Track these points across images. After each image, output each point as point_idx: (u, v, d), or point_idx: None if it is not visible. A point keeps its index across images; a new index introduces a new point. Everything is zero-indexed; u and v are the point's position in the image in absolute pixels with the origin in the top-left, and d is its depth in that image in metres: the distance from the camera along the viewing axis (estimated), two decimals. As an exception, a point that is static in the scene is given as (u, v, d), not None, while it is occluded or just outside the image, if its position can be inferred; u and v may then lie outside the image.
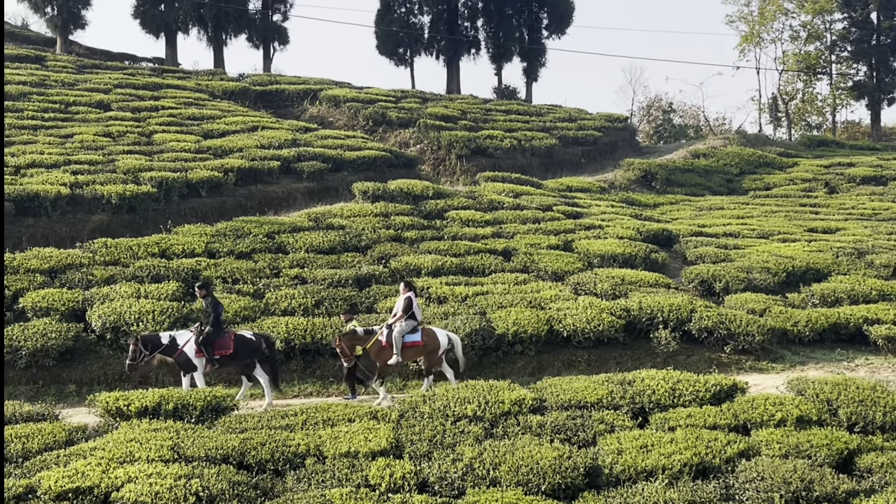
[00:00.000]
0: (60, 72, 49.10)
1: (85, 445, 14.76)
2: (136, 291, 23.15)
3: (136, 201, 30.49)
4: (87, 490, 12.86)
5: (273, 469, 13.92)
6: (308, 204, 34.52)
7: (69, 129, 38.49)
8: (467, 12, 68.55)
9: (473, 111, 51.60)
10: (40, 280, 23.69)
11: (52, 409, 17.39)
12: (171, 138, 38.47)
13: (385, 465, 13.51)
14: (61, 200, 29.27)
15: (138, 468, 13.33)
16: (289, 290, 24.14)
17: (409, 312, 19.44)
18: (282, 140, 39.52)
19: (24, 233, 27.78)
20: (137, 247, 26.26)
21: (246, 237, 28.08)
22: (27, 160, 32.72)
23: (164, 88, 48.65)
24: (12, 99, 41.55)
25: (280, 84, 52.94)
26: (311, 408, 16.51)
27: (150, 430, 15.25)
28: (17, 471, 14.03)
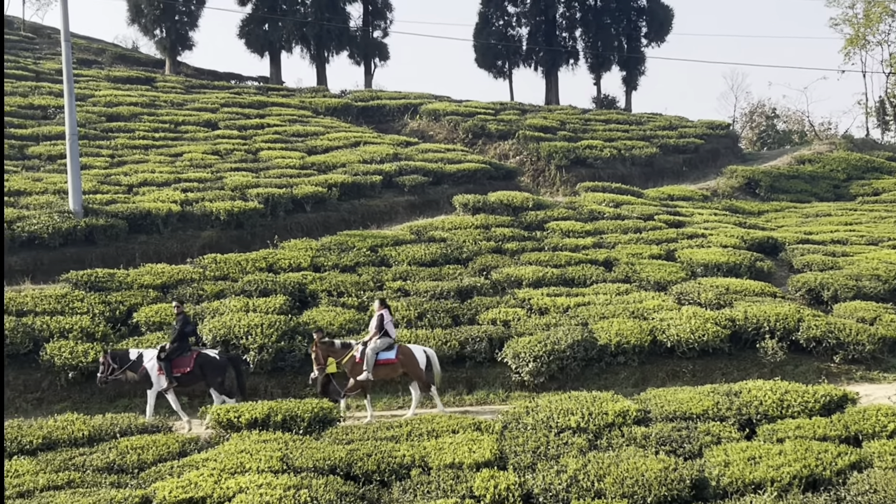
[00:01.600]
0: (169, 92, 50.57)
1: (197, 456, 15.21)
2: (245, 305, 23.73)
3: (243, 217, 31.24)
4: (201, 500, 13.25)
5: (379, 480, 14.15)
6: (409, 217, 34.89)
7: (179, 147, 39.63)
8: (565, 23, 68.39)
9: (572, 121, 51.48)
10: (153, 295, 24.46)
11: (165, 421, 17.97)
12: (277, 155, 39.31)
13: (489, 477, 13.61)
14: (172, 217, 30.17)
15: (249, 479, 13.68)
16: (392, 303, 24.44)
17: (383, 330, 19.53)
18: (383, 154, 40.02)
19: (137, 249, 28.70)
20: (245, 262, 26.91)
21: (350, 251, 28.53)
22: (139, 179, 33.81)
23: (269, 106, 49.74)
24: (124, 119, 42.97)
25: (381, 99, 53.61)
26: (416, 419, 16.73)
27: (259, 441, 15.64)
28: (132, 481, 14.54)
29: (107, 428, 16.82)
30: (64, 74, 30.48)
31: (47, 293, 23.76)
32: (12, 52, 54.01)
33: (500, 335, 22.81)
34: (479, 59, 68.07)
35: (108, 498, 13.29)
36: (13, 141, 37.73)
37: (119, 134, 40.77)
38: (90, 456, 15.50)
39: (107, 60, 58.87)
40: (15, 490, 13.99)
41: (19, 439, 16.12)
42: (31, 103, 42.95)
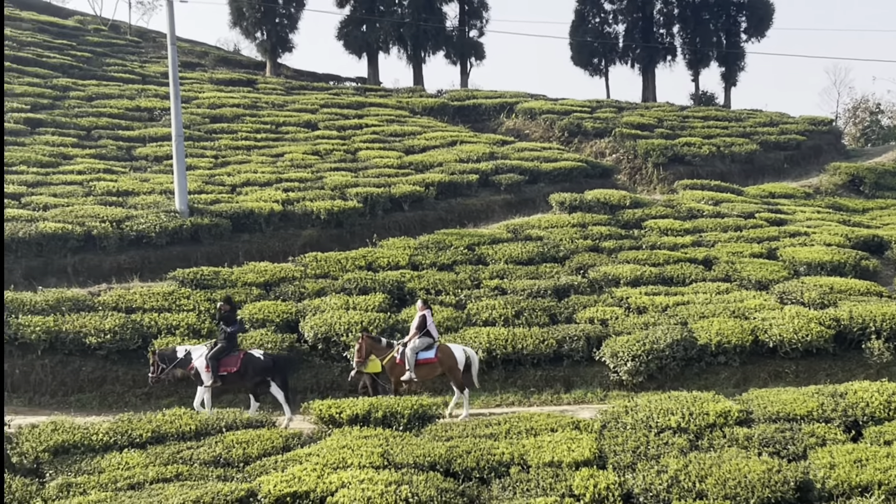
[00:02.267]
0: (270, 94, 51.51)
1: (301, 451, 15.53)
2: (345, 303, 24.08)
3: (343, 216, 31.69)
4: (304, 494, 13.53)
5: (479, 477, 14.27)
6: (506, 216, 34.95)
7: (280, 148, 40.36)
8: (662, 19, 67.59)
9: (670, 118, 50.89)
10: (256, 293, 24.98)
11: (269, 416, 18.34)
12: (375, 155, 39.76)
13: (589, 476, 13.62)
14: (274, 217, 30.76)
15: (351, 474, 13.92)
16: (489, 301, 24.56)
17: (424, 330, 19.52)
18: (479, 153, 40.15)
19: (241, 248, 29.33)
20: (345, 260, 27.30)
21: (447, 249, 28.73)
22: (242, 179, 34.54)
23: (367, 107, 50.31)
24: (227, 121, 43.92)
25: (477, 99, 53.75)
26: (514, 417, 16.80)
27: (360, 437, 15.89)
28: (238, 475, 14.92)
29: (213, 422, 17.25)
30: (170, 77, 31.31)
31: (155, 290, 24.44)
32: (119, 56, 55.62)
33: (597, 334, 22.75)
34: (575, 56, 67.73)
35: (215, 491, 13.64)
36: (121, 143, 38.89)
37: (222, 135, 41.69)
38: (197, 450, 15.92)
39: (210, 63, 60.21)
40: (126, 482, 14.46)
41: (129, 433, 16.62)
42: (137, 105, 44.17)
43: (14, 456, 16.00)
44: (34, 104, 41.23)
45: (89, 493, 14.09)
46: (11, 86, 42.87)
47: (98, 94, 45.48)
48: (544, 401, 20.86)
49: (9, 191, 30.45)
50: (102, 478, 14.65)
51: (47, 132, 38.34)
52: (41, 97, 42.44)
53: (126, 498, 13.69)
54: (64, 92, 44.54)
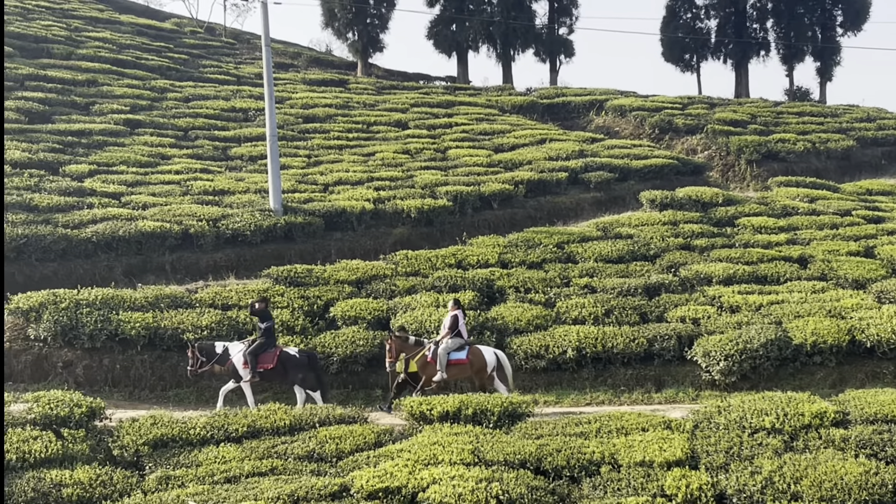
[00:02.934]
0: (361, 93, 52.06)
1: (392, 447, 15.73)
2: (435, 301, 24.27)
3: (433, 214, 31.92)
4: (396, 490, 13.71)
5: (569, 475, 14.29)
6: (595, 214, 34.80)
7: (371, 147, 40.79)
8: (756, 14, 66.43)
9: (763, 114, 50.00)
10: (348, 290, 25.31)
11: (361, 412, 18.60)
12: (465, 153, 39.91)
13: (681, 476, 13.55)
14: (366, 215, 31.13)
15: (442, 470, 14.05)
16: (579, 300, 24.52)
17: (455, 330, 19.68)
18: (569, 151, 40.02)
19: (333, 246, 29.75)
20: (435, 258, 27.50)
21: (536, 247, 28.74)
22: (334, 178, 35.02)
23: (457, 105, 50.50)
24: (320, 121, 44.53)
25: (566, 96, 53.56)
26: (605, 416, 16.77)
27: (451, 433, 16.02)
28: (331, 470, 15.17)
29: (306, 418, 17.55)
30: (265, 78, 31.89)
31: (250, 288, 24.94)
32: (214, 58, 56.77)
33: (689, 333, 22.56)
34: (666, 52, 67.00)
35: (309, 485, 13.90)
36: (217, 143, 39.72)
37: (315, 135, 42.28)
38: (291, 444, 16.23)
39: (302, 64, 61.09)
40: (222, 476, 14.81)
41: (226, 427, 17.01)
42: (232, 106, 45.04)
43: (115, 449, 16.51)
44: (133, 105, 42.32)
45: (187, 485, 14.48)
46: (111, 88, 44.07)
47: (194, 95, 46.50)
48: (635, 400, 20.77)
49: (109, 190, 31.36)
50: (200, 471, 15.03)
51: (146, 133, 39.34)
52: (140, 99, 43.54)
53: (223, 491, 14.03)
54: (162, 93, 45.63)
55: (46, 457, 15.52)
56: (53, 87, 42.21)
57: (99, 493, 14.40)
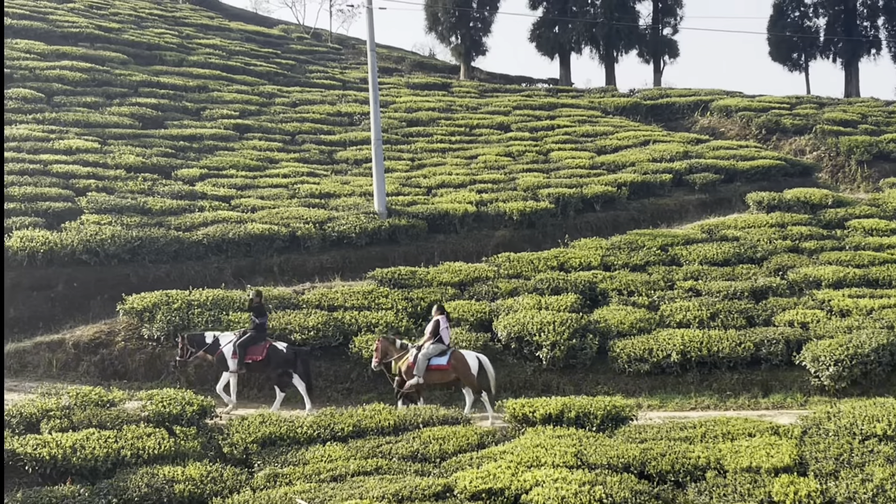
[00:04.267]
0: (464, 97, 52.29)
1: (495, 449, 15.82)
2: (537, 303, 24.28)
3: (535, 217, 31.93)
4: (499, 491, 13.78)
5: (673, 480, 14.18)
6: (700, 216, 34.35)
7: (473, 150, 40.96)
8: (866, 11, 64.62)
9: (874, 114, 48.60)
10: (451, 292, 25.49)
11: (463, 413, 18.75)
12: (567, 155, 39.80)
13: (789, 482, 13.34)
14: (468, 218, 31.30)
15: (545, 473, 14.08)
16: (683, 303, 24.27)
17: (437, 336, 19.71)
18: (673, 153, 39.60)
19: (436, 248, 29.99)
20: (537, 260, 27.51)
21: (640, 250, 28.52)
22: (437, 181, 35.28)
23: (559, 107, 50.35)
24: (423, 124, 44.89)
25: (670, 97, 52.94)
26: (710, 421, 16.59)
27: (554, 436, 16.05)
28: (435, 470, 15.33)
29: (410, 418, 17.76)
30: (370, 83, 32.32)
31: (355, 289, 25.32)
32: (321, 63, 57.70)
33: (797, 337, 22.15)
34: (773, 52, 65.67)
35: (413, 485, 14.07)
36: (323, 146, 40.38)
37: (418, 138, 42.65)
38: (396, 444, 16.44)
39: (406, 68, 61.66)
40: (329, 474, 15.09)
41: (332, 426, 17.32)
42: (338, 111, 45.71)
43: (225, 446, 16.95)
44: (242, 111, 43.29)
45: (294, 483, 14.79)
46: (221, 93, 45.14)
47: (301, 100, 47.32)
48: (741, 405, 20.48)
49: (219, 193, 32.15)
50: (307, 469, 15.33)
51: (254, 137, 40.21)
52: (249, 104, 44.50)
53: (329, 489, 14.29)
54: (270, 98, 46.57)
55: (159, 453, 16.03)
56: (166, 93, 43.45)
57: (209, 489, 14.80)
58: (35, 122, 36.67)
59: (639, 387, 21.81)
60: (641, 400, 20.48)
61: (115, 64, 45.82)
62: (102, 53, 46.74)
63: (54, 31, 48.53)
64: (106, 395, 18.38)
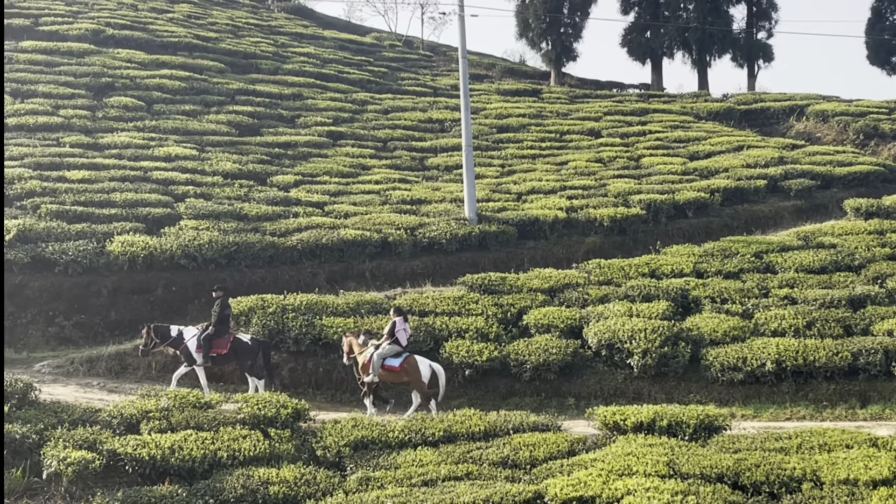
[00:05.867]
0: (554, 103, 52.20)
1: (585, 456, 15.79)
2: (629, 310, 24.14)
3: (625, 223, 31.75)
4: (590, 499, 13.77)
5: (768, 492, 14.01)
6: (795, 222, 33.75)
7: (564, 156, 40.89)
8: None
9: None
10: (541, 299, 25.49)
11: (554, 420, 18.73)
12: (658, 161, 39.47)
13: (888, 496, 13.09)
14: (558, 224, 31.26)
15: (636, 481, 14.02)
16: (778, 311, 23.88)
17: (393, 337, 20.35)
18: (767, 158, 38.99)
19: (526, 254, 30.01)
20: (628, 267, 27.35)
21: (733, 257, 28.15)
22: (527, 187, 35.30)
23: (651, 113, 49.94)
24: (513, 130, 44.96)
25: (764, 102, 52.10)
26: (806, 431, 16.33)
27: (645, 444, 15.96)
28: (525, 477, 15.37)
29: (501, 424, 17.82)
30: (461, 89, 32.51)
31: (445, 295, 25.48)
32: (412, 70, 58.17)
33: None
34: (871, 55, 64.14)
35: (504, 491, 14.13)
36: (414, 153, 40.72)
37: (509, 144, 42.72)
38: (486, 450, 16.52)
39: (497, 75, 61.79)
40: (420, 479, 15.24)
41: (423, 431, 17.47)
42: (429, 118, 46.03)
43: (318, 449, 17.22)
44: (336, 118, 43.86)
45: (386, 487, 14.96)
46: (315, 101, 45.82)
47: (393, 107, 47.77)
48: (837, 416, 20.08)
49: (313, 200, 32.64)
50: (398, 473, 15.50)
51: (347, 144, 40.71)
52: (342, 111, 45.07)
53: (420, 494, 14.42)
54: (362, 106, 47.08)
55: (254, 455, 16.36)
56: (262, 101, 44.26)
57: (303, 491, 15.06)
58: (136, 129, 37.69)
59: (732, 396, 21.54)
60: (735, 409, 20.23)
61: (212, 73, 46.87)
62: (200, 62, 47.84)
63: (154, 40, 49.80)
64: (203, 397, 18.83)
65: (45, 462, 15.92)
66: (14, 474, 16.27)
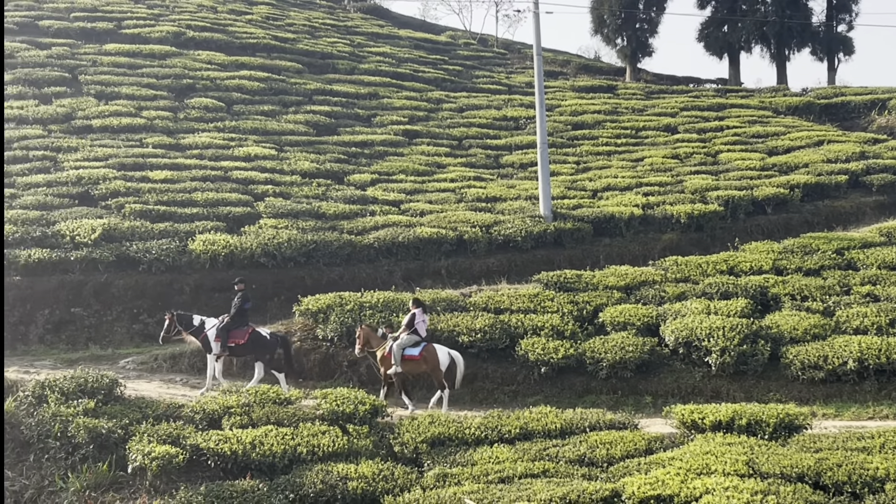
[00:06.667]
0: (630, 99, 51.84)
1: (663, 455, 15.74)
2: (706, 308, 23.92)
3: (703, 220, 31.44)
4: (668, 498, 13.73)
5: (850, 492, 13.84)
6: (878, 218, 33.11)
7: (640, 152, 40.62)
8: None
9: None
10: (617, 296, 25.37)
11: (631, 418, 18.69)
12: (736, 157, 39.00)
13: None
14: (634, 221, 31.08)
15: (714, 481, 13.94)
16: (860, 308, 23.46)
17: (412, 328, 20.66)
18: (848, 153, 38.28)
19: (601, 252, 29.90)
20: (706, 264, 27.09)
21: (813, 254, 27.72)
22: (603, 184, 35.17)
23: (728, 108, 49.34)
24: (588, 127, 44.79)
25: (845, 96, 51.09)
26: (889, 431, 16.08)
27: (724, 443, 15.86)
28: (602, 475, 15.38)
29: (577, 422, 17.84)
30: (536, 87, 32.50)
31: (521, 292, 25.51)
32: (487, 68, 58.22)
33: (984, 347, 21.14)
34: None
35: (581, 489, 14.16)
36: (489, 151, 40.80)
37: (584, 141, 42.58)
38: (562, 448, 16.56)
39: (571, 71, 61.57)
40: (496, 476, 15.33)
41: (499, 428, 17.56)
42: (504, 115, 46.07)
43: (396, 445, 17.42)
44: (411, 117, 44.17)
45: (463, 483, 15.08)
46: (391, 100, 46.17)
47: (468, 105, 47.91)
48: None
49: (389, 198, 32.92)
50: (475, 470, 15.61)
51: (423, 143, 40.97)
52: (417, 110, 45.36)
53: (497, 490, 14.52)
54: (437, 104, 47.30)
55: (333, 451, 16.61)
56: (338, 100, 44.75)
57: (381, 487, 15.26)
58: (216, 130, 38.42)
59: (813, 395, 21.24)
60: (815, 408, 19.95)
61: (290, 73, 47.53)
62: (278, 63, 48.53)
63: (233, 42, 50.66)
64: (283, 393, 19.16)
65: (131, 456, 16.37)
66: (101, 468, 16.76)
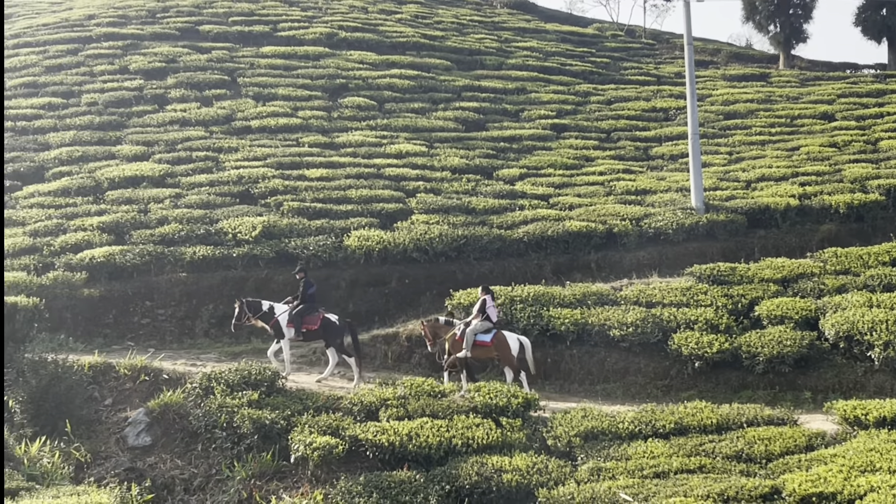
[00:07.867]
0: (784, 86, 50.42)
1: (825, 452, 15.43)
2: (868, 300, 23.14)
3: (863, 210, 30.38)
4: (830, 496, 13.49)
5: None
6: None
7: (795, 141, 39.48)
8: None
9: None
10: (774, 289, 24.79)
11: (790, 414, 18.33)
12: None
13: None
14: (790, 212, 30.26)
15: (879, 478, 13.62)
16: None
17: (484, 314, 20.82)
18: None
19: (756, 243, 29.23)
20: (867, 255, 26.20)
21: None
22: (756, 174, 34.35)
23: (888, 94, 47.32)
24: (740, 116, 43.79)
25: None
26: None
27: (889, 440, 15.44)
28: (761, 471, 15.18)
29: (733, 417, 17.63)
30: (686, 77, 32.04)
31: (673, 286, 25.23)
32: (634, 59, 57.54)
33: None
34: None
35: (739, 486, 14.04)
36: (638, 143, 40.38)
37: (736, 131, 41.67)
38: (719, 443, 16.41)
39: (722, 60, 60.25)
40: (651, 470, 15.34)
41: (653, 423, 17.52)
42: (653, 106, 45.49)
43: (549, 439, 17.58)
44: (559, 110, 44.08)
45: (617, 478, 15.14)
46: (538, 94, 46.16)
47: (616, 97, 47.48)
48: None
49: (538, 192, 33.00)
50: (629, 464, 15.65)
51: (571, 136, 40.84)
52: (565, 104, 45.24)
53: (652, 486, 14.53)
54: (585, 97, 47.05)
55: (487, 443, 16.91)
56: (486, 96, 45.01)
57: (535, 480, 15.45)
58: (368, 128, 39.25)
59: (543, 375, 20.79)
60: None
61: (439, 70, 48.07)
62: (427, 61, 49.15)
63: (384, 41, 51.55)
64: (437, 385, 19.55)
65: (293, 446, 17.03)
66: (265, 458, 17.51)
